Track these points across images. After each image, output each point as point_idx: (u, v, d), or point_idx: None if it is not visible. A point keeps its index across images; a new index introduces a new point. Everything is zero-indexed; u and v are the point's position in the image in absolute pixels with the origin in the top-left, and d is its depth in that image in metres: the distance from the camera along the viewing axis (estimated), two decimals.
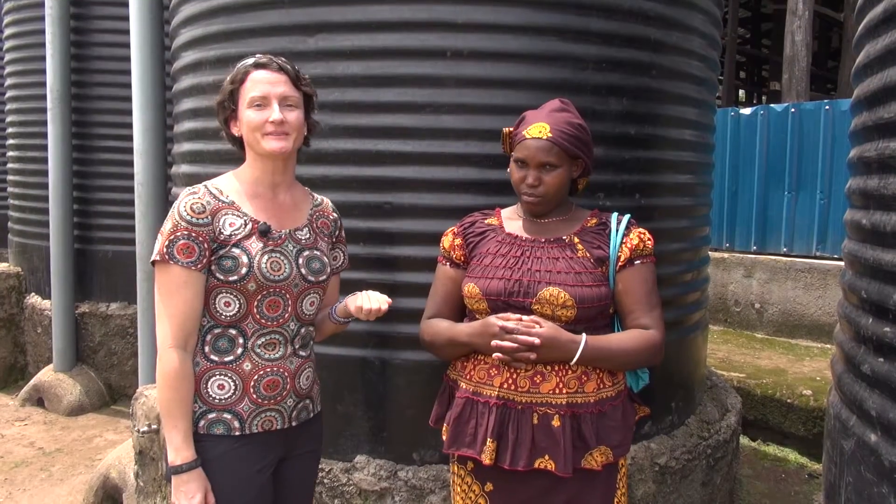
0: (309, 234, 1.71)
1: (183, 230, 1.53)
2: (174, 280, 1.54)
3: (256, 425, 1.62)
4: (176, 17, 2.85)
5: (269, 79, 1.60)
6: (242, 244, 1.58)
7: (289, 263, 1.63)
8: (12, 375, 5.41)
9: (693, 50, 2.65)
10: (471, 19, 2.23)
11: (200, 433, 1.59)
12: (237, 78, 1.61)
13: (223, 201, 1.60)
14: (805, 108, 5.83)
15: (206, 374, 1.60)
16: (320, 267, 1.70)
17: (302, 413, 1.72)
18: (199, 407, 1.60)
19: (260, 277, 1.57)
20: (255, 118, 1.59)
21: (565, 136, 1.64)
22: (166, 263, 1.53)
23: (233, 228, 1.58)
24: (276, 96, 1.60)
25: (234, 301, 1.59)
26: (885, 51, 1.63)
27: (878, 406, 1.56)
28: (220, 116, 1.68)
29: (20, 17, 5.24)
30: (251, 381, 1.61)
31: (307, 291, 1.67)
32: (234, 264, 1.56)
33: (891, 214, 1.57)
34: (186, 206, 1.55)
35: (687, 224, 2.79)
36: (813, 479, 3.79)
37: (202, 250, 1.54)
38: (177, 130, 2.95)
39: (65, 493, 3.54)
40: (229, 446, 1.60)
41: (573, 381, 1.61)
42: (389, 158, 2.29)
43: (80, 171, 4.81)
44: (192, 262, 1.53)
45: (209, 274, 1.57)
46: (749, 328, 6.03)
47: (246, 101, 1.60)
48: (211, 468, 1.59)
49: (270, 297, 1.60)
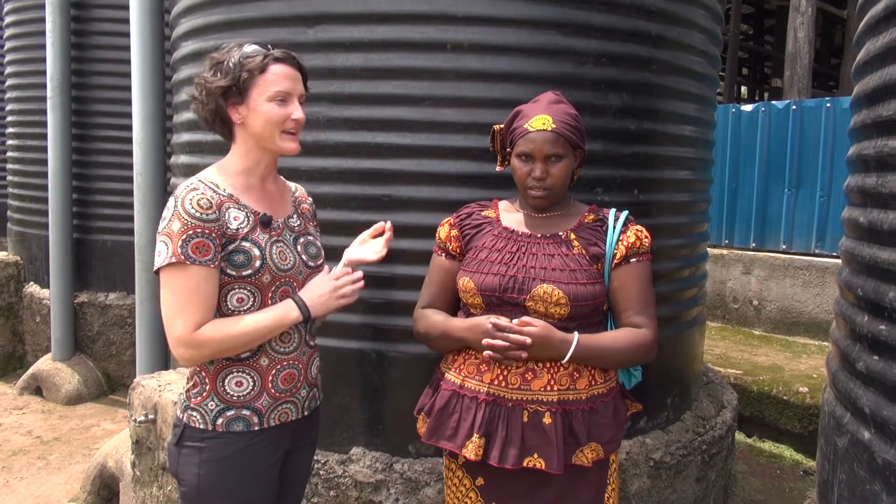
0: (298, 220, 1.72)
1: (195, 228, 1.47)
2: (192, 279, 1.47)
3: (274, 418, 1.62)
4: (176, 6, 2.84)
5: (291, 75, 1.59)
6: (251, 237, 1.56)
7: (291, 252, 1.63)
8: (10, 364, 5.42)
9: (694, 45, 2.65)
10: (471, 12, 2.22)
11: (218, 431, 1.57)
12: (255, 66, 1.54)
13: (222, 195, 1.56)
14: (806, 106, 5.81)
15: (223, 371, 1.58)
16: (316, 251, 1.72)
17: (311, 402, 1.74)
18: (216, 405, 1.58)
19: (273, 268, 1.57)
20: (278, 113, 1.56)
21: (569, 127, 1.64)
22: (183, 265, 1.47)
23: (238, 222, 1.55)
24: (297, 93, 1.60)
25: (249, 296, 1.56)
26: (885, 48, 1.63)
27: (872, 403, 1.56)
28: (214, 101, 1.57)
29: (21, 6, 5.22)
30: (269, 375, 1.60)
31: (309, 277, 1.68)
32: (247, 258, 1.54)
33: (888, 212, 1.57)
34: (193, 202, 1.49)
35: (685, 220, 2.78)
36: (808, 475, 3.80)
37: (216, 246, 1.50)
38: (176, 120, 2.95)
39: (62, 482, 3.55)
40: (247, 443, 1.59)
41: (565, 378, 1.61)
42: (388, 151, 2.29)
43: (79, 161, 4.81)
44: (209, 260, 1.49)
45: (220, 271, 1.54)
46: (747, 325, 6.04)
47: (268, 93, 1.55)
48: (227, 465, 1.58)
49: (282, 288, 1.60)
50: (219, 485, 1.58)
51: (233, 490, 1.58)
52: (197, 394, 1.60)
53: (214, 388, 1.58)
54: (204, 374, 1.60)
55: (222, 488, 1.58)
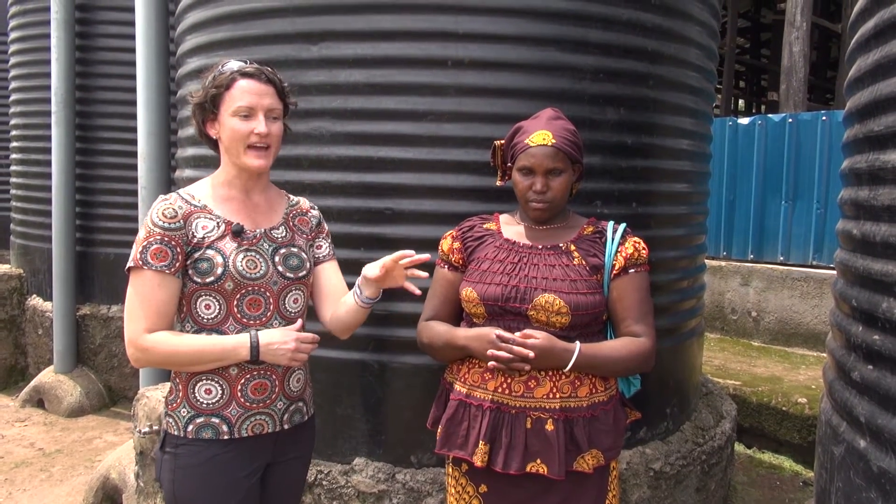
0: (285, 232, 1.73)
1: (156, 236, 1.56)
2: (147, 283, 1.56)
3: (246, 429, 1.63)
4: (181, 23, 2.89)
5: (256, 89, 1.61)
6: (216, 245, 1.60)
7: (265, 261, 1.65)
8: (13, 377, 5.42)
9: (690, 61, 2.69)
10: (471, 29, 2.27)
11: (189, 437, 1.61)
12: (222, 83, 1.60)
13: (195, 205, 1.63)
14: (802, 119, 5.87)
15: (193, 378, 1.62)
16: (298, 263, 1.72)
17: (295, 416, 1.73)
18: (187, 411, 1.62)
19: (236, 276, 1.59)
20: (240, 128, 1.60)
21: (568, 142, 1.69)
22: (140, 269, 1.56)
23: (205, 231, 1.60)
24: (262, 108, 1.61)
25: (214, 303, 1.61)
26: (875, 65, 1.67)
27: (867, 412, 1.59)
28: (196, 117, 1.67)
29: (26, 21, 5.28)
30: (238, 384, 1.62)
31: (288, 288, 1.69)
32: (210, 265, 1.58)
33: (880, 225, 1.60)
34: (158, 212, 1.58)
35: (683, 232, 2.82)
36: (807, 486, 3.81)
37: (175, 254, 1.57)
38: (181, 135, 2.99)
39: (64, 494, 3.56)
40: (217, 451, 1.61)
41: (566, 386, 1.65)
42: (390, 165, 2.33)
43: (82, 175, 4.84)
44: (165, 266, 1.56)
45: (187, 278, 1.60)
46: (745, 336, 6.06)
47: (231, 108, 1.60)
48: (198, 472, 1.61)
49: (250, 296, 1.62)
50: (191, 492, 1.62)
51: (206, 498, 1.60)
52: (172, 400, 1.66)
53: (186, 396, 1.63)
54: (178, 381, 1.65)
55: (195, 496, 1.61)
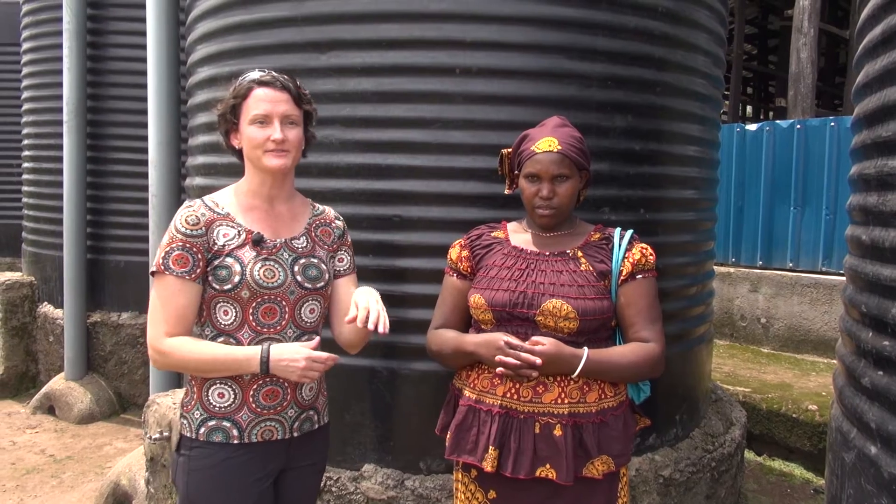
0: (306, 242, 1.75)
1: (178, 242, 1.60)
2: (168, 288, 1.60)
3: (256, 435, 1.65)
4: (192, 33, 2.92)
5: (271, 97, 1.64)
6: (235, 253, 1.63)
7: (283, 271, 1.66)
8: (24, 383, 5.46)
9: (697, 68, 2.70)
10: (479, 38, 2.28)
11: (200, 440, 1.64)
12: (240, 93, 1.65)
13: (218, 213, 1.66)
14: (810, 125, 5.85)
15: (208, 381, 1.65)
16: (317, 274, 1.72)
17: (305, 424, 1.74)
18: (200, 414, 1.65)
19: (253, 285, 1.61)
20: (257, 135, 1.64)
21: (574, 149, 1.70)
22: (162, 274, 1.60)
23: (226, 239, 1.63)
24: (278, 115, 1.64)
25: (231, 309, 1.64)
26: (883, 71, 1.67)
27: (878, 418, 1.58)
28: (221, 128, 1.73)
29: (38, 32, 5.34)
30: (250, 390, 1.64)
31: (305, 298, 1.70)
32: (228, 273, 1.61)
33: (889, 230, 1.60)
34: (182, 218, 1.62)
35: (691, 238, 2.82)
36: (818, 494, 3.78)
37: (196, 261, 1.60)
38: (191, 143, 3.02)
39: (75, 500, 3.58)
40: (228, 454, 1.63)
41: (575, 391, 1.65)
42: (399, 172, 2.34)
43: (93, 183, 4.88)
44: (185, 272, 1.60)
45: (207, 284, 1.63)
46: (755, 343, 6.03)
47: (248, 117, 1.64)
48: (209, 475, 1.63)
49: (266, 305, 1.64)
50: (205, 494, 1.64)
51: (219, 501, 1.63)
52: (187, 402, 1.69)
53: (200, 398, 1.65)
54: (194, 383, 1.68)
55: (208, 498, 1.64)
